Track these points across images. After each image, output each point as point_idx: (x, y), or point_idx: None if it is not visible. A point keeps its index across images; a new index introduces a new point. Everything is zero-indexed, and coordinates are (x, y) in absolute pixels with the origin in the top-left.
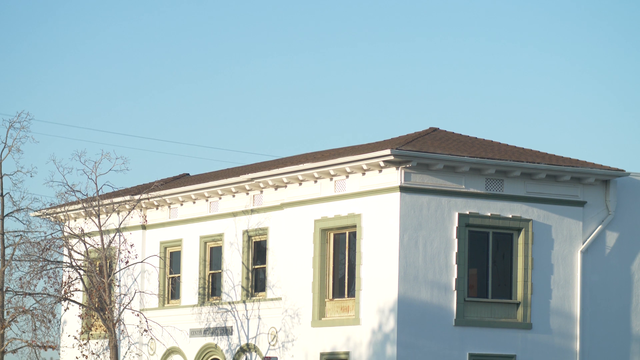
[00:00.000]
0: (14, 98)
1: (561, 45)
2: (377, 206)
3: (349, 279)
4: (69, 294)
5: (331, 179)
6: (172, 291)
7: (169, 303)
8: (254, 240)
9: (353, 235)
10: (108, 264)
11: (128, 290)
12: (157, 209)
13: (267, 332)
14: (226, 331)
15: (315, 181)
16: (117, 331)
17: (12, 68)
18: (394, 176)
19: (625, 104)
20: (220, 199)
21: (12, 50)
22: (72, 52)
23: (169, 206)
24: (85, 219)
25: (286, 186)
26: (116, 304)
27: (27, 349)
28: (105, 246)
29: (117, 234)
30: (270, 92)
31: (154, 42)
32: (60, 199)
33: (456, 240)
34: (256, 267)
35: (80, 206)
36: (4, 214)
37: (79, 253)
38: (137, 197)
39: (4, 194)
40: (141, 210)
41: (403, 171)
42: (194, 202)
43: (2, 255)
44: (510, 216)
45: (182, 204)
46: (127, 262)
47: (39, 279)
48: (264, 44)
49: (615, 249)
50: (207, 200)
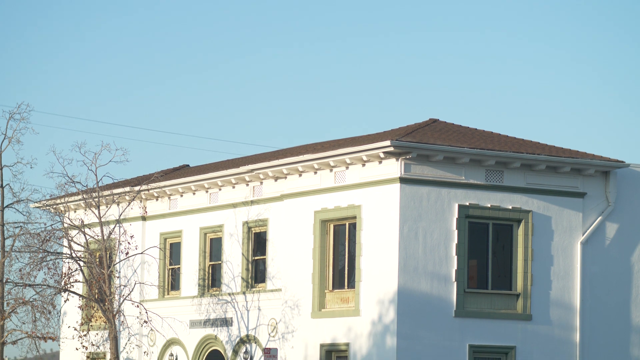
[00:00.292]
0: (14, 89)
1: (561, 37)
2: (377, 197)
3: (348, 270)
4: (68, 285)
5: (331, 170)
6: (172, 282)
7: (168, 294)
8: (253, 232)
9: (353, 227)
10: (108, 255)
11: (128, 281)
12: (157, 200)
13: (267, 323)
14: (226, 322)
15: (315, 172)
16: (117, 322)
17: (12, 59)
18: (393, 167)
19: (625, 95)
20: (220, 190)
21: (12, 42)
22: (72, 44)
23: (169, 197)
24: (85, 210)
25: (286, 177)
26: (116, 295)
27: (27, 340)
28: (105, 237)
29: (117, 225)
30: (271, 84)
31: (154, 35)
32: (60, 190)
33: (456, 232)
34: (256, 258)
35: (80, 197)
36: (4, 205)
37: (78, 244)
38: (137, 188)
39: (3, 185)
40: (141, 201)
41: (403, 162)
42: (194, 194)
43: (2, 246)
44: (510, 207)
45: (182, 195)
46: (127, 253)
47: (39, 270)
48: (264, 36)
49: (615, 240)
50: (207, 192)
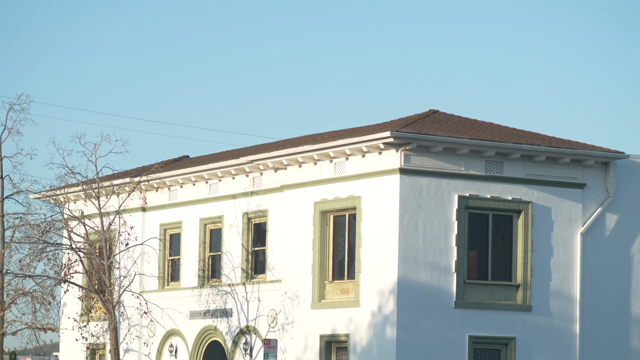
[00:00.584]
0: (14, 80)
1: (561, 28)
2: (377, 188)
3: (348, 261)
4: (68, 276)
5: (331, 161)
6: (171, 273)
7: (168, 285)
8: (253, 223)
9: (353, 218)
10: (108, 246)
11: (128, 272)
12: (157, 191)
13: (267, 314)
14: (226, 313)
15: (315, 163)
16: (116, 313)
17: (12, 51)
18: (393, 158)
19: (625, 87)
20: (220, 181)
21: (12, 33)
22: (72, 36)
23: (169, 188)
24: (85, 201)
25: (286, 168)
26: (116, 286)
27: (26, 331)
28: (105, 228)
29: (117, 216)
30: (271, 75)
31: (154, 27)
32: (60, 181)
33: (456, 223)
34: (256, 249)
35: (80, 188)
36: (4, 196)
37: (78, 235)
38: (136, 179)
39: (3, 176)
40: (141, 192)
41: (403, 153)
42: (194, 184)
43: (2, 237)
44: (510, 198)
45: (181, 186)
46: (126, 244)
47: (39, 261)
48: (264, 27)
49: (614, 231)
50: (206, 183)
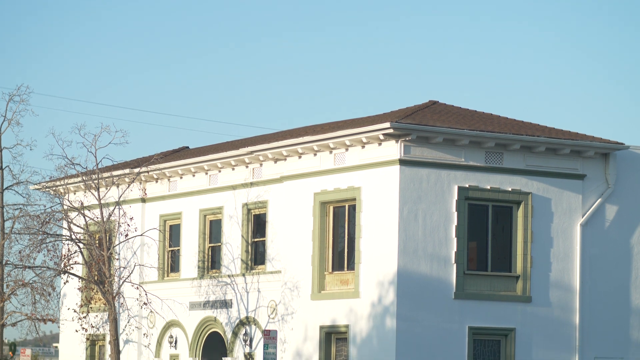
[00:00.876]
0: (13, 71)
1: (561, 20)
2: (377, 179)
3: (348, 252)
4: (68, 267)
5: (331, 152)
6: (171, 264)
7: (168, 276)
8: (253, 214)
9: (353, 208)
10: (108, 237)
11: (127, 263)
12: (157, 182)
13: (267, 305)
14: (226, 304)
15: (315, 154)
16: (116, 304)
17: (12, 42)
18: (393, 149)
19: (625, 78)
20: (220, 172)
21: (12, 24)
22: (72, 27)
23: (169, 179)
24: (85, 192)
25: (286, 159)
26: (116, 277)
27: (26, 322)
28: (105, 219)
29: (117, 207)
30: (271, 67)
31: (155, 18)
32: (59, 172)
33: (456, 214)
34: (256, 240)
35: (79, 179)
36: (4, 187)
37: (78, 226)
38: (136, 170)
39: (3, 167)
40: (141, 183)
41: (403, 144)
42: (194, 175)
43: (2, 228)
44: (510, 189)
45: (181, 177)
46: (126, 235)
47: (39, 252)
48: (264, 19)
49: (614, 222)
50: (206, 174)
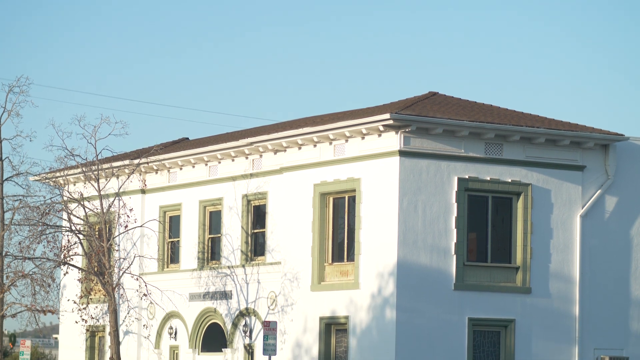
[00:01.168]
0: (13, 62)
1: (561, 11)
2: (377, 170)
3: (348, 243)
4: (68, 258)
5: (330, 143)
6: (171, 255)
7: (168, 267)
8: (253, 205)
9: (352, 200)
10: (107, 228)
11: (127, 254)
12: (157, 173)
13: (267, 296)
14: (225, 295)
15: (315, 145)
16: (116, 295)
17: (12, 33)
18: (393, 140)
19: (625, 69)
20: (220, 163)
21: (12, 16)
22: (72, 18)
23: (169, 170)
24: (85, 183)
25: (285, 150)
26: (115, 268)
27: (26, 313)
28: (105, 210)
29: (117, 198)
30: (271, 58)
31: (154, 8)
32: (59, 163)
33: (455, 205)
34: (255, 231)
35: (79, 170)
36: (4, 179)
37: (78, 217)
38: (136, 161)
39: (3, 158)
40: (140, 174)
41: (402, 135)
42: (194, 167)
43: (2, 219)
44: (510, 180)
45: (181, 168)
46: (126, 226)
47: (39, 243)
48: (264, 10)
49: (614, 214)
50: (206, 165)
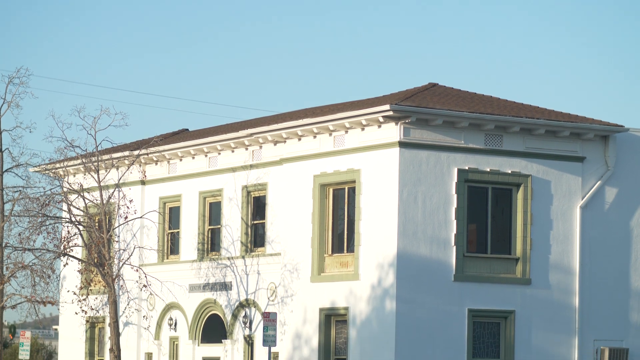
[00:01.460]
0: (13, 54)
1: (560, 1)
2: (376, 161)
3: (348, 235)
4: (68, 250)
5: (330, 135)
6: (171, 247)
7: (168, 258)
8: (253, 196)
9: (352, 191)
10: (107, 220)
11: (127, 245)
12: (156, 164)
13: (267, 287)
14: (225, 286)
15: (315, 136)
16: (116, 286)
17: (12, 24)
18: (393, 131)
19: (625, 60)
20: (220, 154)
21: (12, 7)
22: (72, 8)
23: (168, 162)
24: (85, 174)
25: (285, 141)
26: (115, 260)
27: (26, 304)
28: (105, 202)
29: (116, 189)
30: (271, 49)
31: (155, 0)
32: (59, 155)
33: (455, 196)
34: (255, 222)
35: (79, 161)
36: (3, 170)
37: (78, 208)
38: (136, 152)
39: (3, 149)
40: (140, 165)
41: (402, 126)
42: (193, 158)
43: (2, 210)
44: (510, 172)
45: (181, 160)
46: (126, 217)
47: (38, 234)
48: (263, 2)
49: (614, 205)
50: (206, 156)
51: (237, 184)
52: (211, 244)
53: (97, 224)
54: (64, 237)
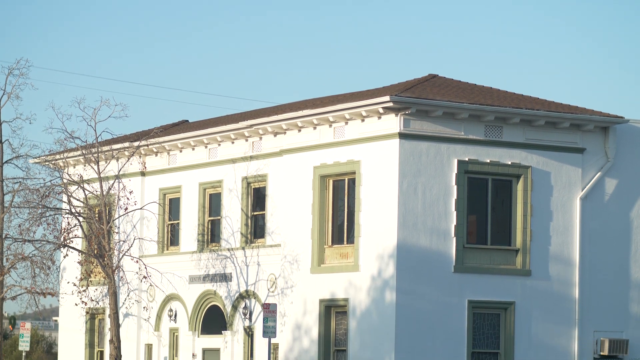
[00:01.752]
0: (13, 45)
1: None
2: (376, 153)
3: (348, 226)
4: (68, 241)
5: (330, 126)
6: (171, 238)
7: (168, 250)
8: (253, 187)
9: (352, 182)
10: (107, 211)
11: (127, 236)
12: (156, 155)
13: (266, 278)
14: (225, 278)
15: (315, 128)
16: (116, 278)
17: (12, 15)
18: (393, 123)
19: (625, 51)
20: (219, 145)
21: None
22: (72, 0)
23: (168, 153)
24: (85, 165)
25: (285, 133)
26: (115, 251)
27: (26, 295)
28: (105, 193)
29: (116, 180)
30: (271, 41)
31: None
32: (59, 146)
33: (455, 187)
34: (255, 213)
35: (79, 153)
36: (3, 161)
37: (78, 200)
38: (136, 143)
39: (3, 140)
40: (140, 157)
41: (402, 118)
42: (193, 149)
43: (2, 202)
44: (510, 163)
45: (181, 151)
46: (126, 208)
47: (38, 225)
48: None
49: (614, 196)
50: (206, 147)
51: (237, 175)
52: (211, 235)
53: (97, 215)
54: (64, 229)
